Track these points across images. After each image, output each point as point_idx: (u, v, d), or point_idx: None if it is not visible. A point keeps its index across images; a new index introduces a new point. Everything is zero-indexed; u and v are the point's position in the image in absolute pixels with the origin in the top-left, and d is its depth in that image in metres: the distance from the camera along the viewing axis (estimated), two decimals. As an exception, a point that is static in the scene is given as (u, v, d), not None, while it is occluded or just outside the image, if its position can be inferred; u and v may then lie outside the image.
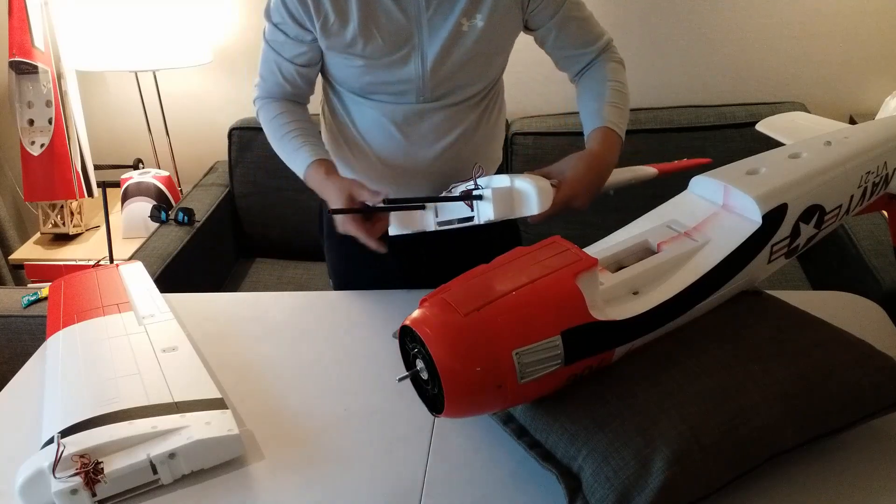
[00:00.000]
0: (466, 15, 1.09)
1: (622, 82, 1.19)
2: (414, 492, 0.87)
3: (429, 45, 1.11)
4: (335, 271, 1.45)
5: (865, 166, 1.01)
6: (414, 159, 1.22)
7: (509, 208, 1.02)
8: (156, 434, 0.90)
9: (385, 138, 1.21)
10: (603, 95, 1.15)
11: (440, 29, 1.10)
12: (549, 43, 1.20)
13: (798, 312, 0.95)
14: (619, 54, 1.23)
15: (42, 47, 2.21)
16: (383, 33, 1.10)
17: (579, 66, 1.22)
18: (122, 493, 0.88)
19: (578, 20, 1.17)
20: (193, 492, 0.89)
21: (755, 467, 0.80)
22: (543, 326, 0.78)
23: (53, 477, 0.84)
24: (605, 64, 1.20)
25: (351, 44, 1.11)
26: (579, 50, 1.20)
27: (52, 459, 0.85)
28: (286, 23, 1.12)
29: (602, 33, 1.21)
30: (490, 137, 1.29)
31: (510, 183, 1.02)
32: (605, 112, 1.13)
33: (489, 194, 1.00)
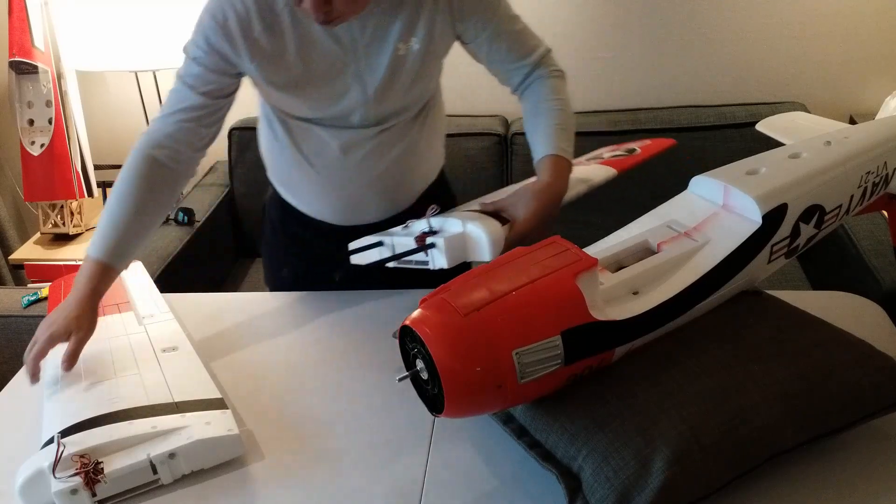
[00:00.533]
0: (402, 39, 1.08)
1: (563, 98, 1.19)
2: (414, 492, 0.87)
3: (368, 74, 1.11)
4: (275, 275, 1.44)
5: (865, 166, 1.01)
6: (359, 177, 1.22)
7: (462, 254, 1.05)
8: (156, 434, 0.90)
9: (330, 159, 1.20)
10: (547, 119, 1.15)
11: (378, 56, 1.09)
12: (482, 56, 1.19)
13: (798, 312, 0.95)
14: (557, 65, 1.22)
15: (42, 47, 2.21)
16: (320, 67, 1.09)
17: (517, 80, 1.21)
18: (121, 493, 0.88)
19: (511, 33, 1.16)
20: (193, 492, 0.89)
21: (755, 467, 0.80)
22: (543, 326, 0.78)
23: (53, 477, 0.84)
24: (545, 81, 1.19)
25: (288, 79, 1.10)
26: (513, 63, 1.19)
27: (52, 459, 0.85)
28: (207, 56, 1.07)
29: (536, 45, 1.20)
30: (432, 139, 1.30)
31: (463, 228, 1.04)
32: (552, 138, 1.13)
33: (442, 245, 1.03)
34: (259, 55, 1.07)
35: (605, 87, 2.29)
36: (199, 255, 2.08)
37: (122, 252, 1.05)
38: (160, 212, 1.11)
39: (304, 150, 1.21)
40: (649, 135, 2.11)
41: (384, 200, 1.27)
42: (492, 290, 0.79)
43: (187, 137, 1.10)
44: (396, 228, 1.17)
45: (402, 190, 1.28)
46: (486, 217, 1.07)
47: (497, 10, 1.13)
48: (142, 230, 1.08)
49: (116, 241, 1.04)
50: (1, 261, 2.47)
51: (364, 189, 1.24)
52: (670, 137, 2.10)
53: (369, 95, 1.12)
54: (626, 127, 2.13)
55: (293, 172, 1.25)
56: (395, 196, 1.28)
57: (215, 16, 1.05)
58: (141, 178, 1.07)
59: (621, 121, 2.15)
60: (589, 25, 2.20)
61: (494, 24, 1.13)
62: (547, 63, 1.21)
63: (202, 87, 1.09)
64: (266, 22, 1.05)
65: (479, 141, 2.14)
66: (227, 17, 1.04)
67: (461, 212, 1.12)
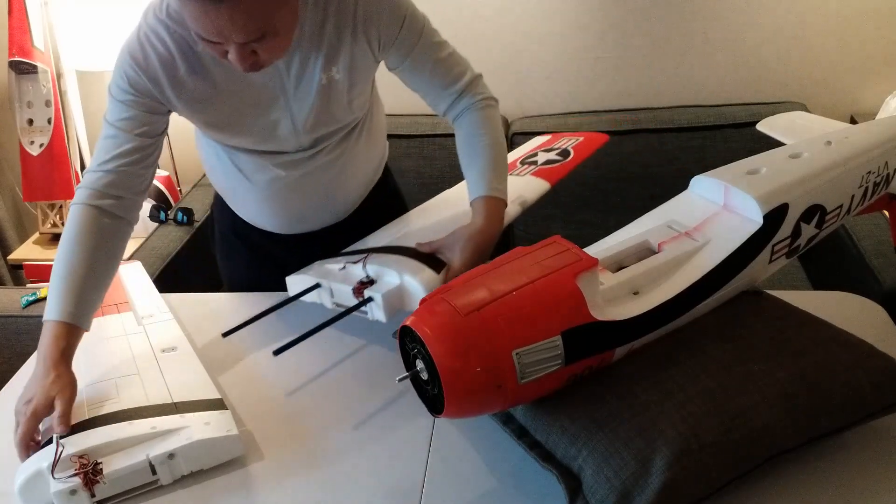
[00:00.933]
0: (324, 70, 1.08)
1: (492, 131, 1.17)
2: (414, 492, 0.87)
3: (297, 106, 1.11)
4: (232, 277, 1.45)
5: (866, 166, 1.01)
6: (299, 193, 1.23)
7: (399, 305, 1.08)
8: (155, 434, 0.90)
9: (268, 179, 1.21)
10: (479, 157, 1.15)
11: (305, 88, 1.09)
12: (406, 82, 1.19)
13: (798, 312, 0.95)
14: (486, 92, 1.20)
15: (42, 47, 2.21)
16: (248, 104, 1.09)
17: (443, 107, 1.20)
18: (121, 494, 0.88)
19: (434, 62, 1.15)
20: (193, 492, 0.89)
21: (755, 467, 0.80)
22: (543, 326, 0.78)
23: (52, 478, 0.84)
24: (474, 113, 1.18)
25: (217, 118, 1.10)
26: (438, 91, 1.18)
27: (52, 460, 0.85)
28: (134, 99, 1.05)
29: (462, 73, 1.17)
30: (371, 146, 1.30)
31: (399, 280, 1.07)
32: (484, 178, 1.13)
33: (379, 300, 1.05)
34: (185, 95, 1.06)
35: (605, 87, 2.29)
36: (198, 256, 2.07)
37: (83, 311, 0.99)
38: (113, 264, 1.06)
39: (243, 169, 1.21)
40: (649, 134, 2.11)
41: (326, 212, 1.29)
42: (492, 290, 0.79)
43: (129, 182, 1.06)
44: (333, 266, 1.17)
45: (343, 200, 1.30)
46: (421, 266, 1.09)
47: (418, 40, 1.12)
48: (98, 285, 1.03)
49: (75, 300, 0.98)
50: (0, 261, 2.47)
51: (304, 203, 1.25)
52: (670, 137, 2.11)
53: (299, 126, 1.13)
54: (627, 127, 2.13)
55: (232, 184, 1.26)
56: (336, 206, 1.29)
57: (136, 58, 1.02)
58: (88, 234, 1.02)
59: (621, 121, 2.15)
60: (589, 25, 2.20)
61: (415, 54, 1.13)
62: (474, 91, 1.18)
63: (136, 129, 1.06)
64: (189, 62, 1.03)
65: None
66: (149, 57, 1.02)
67: (398, 256, 1.13)
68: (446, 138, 2.11)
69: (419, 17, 1.12)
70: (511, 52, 2.24)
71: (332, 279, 1.14)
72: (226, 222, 1.38)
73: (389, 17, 1.08)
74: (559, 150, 1.47)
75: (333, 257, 1.22)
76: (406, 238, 1.19)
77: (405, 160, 2.18)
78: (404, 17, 1.09)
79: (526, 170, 1.40)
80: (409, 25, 1.10)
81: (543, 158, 1.44)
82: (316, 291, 1.16)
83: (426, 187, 2.20)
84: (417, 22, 1.11)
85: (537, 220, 2.15)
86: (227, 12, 0.87)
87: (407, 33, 1.10)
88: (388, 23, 1.08)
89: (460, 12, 2.20)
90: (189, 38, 1.02)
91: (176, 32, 1.02)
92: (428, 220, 1.25)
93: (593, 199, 2.14)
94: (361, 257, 1.15)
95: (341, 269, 1.16)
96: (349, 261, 1.16)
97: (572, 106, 2.29)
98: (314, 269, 1.21)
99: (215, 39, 0.91)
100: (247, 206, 1.29)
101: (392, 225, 1.29)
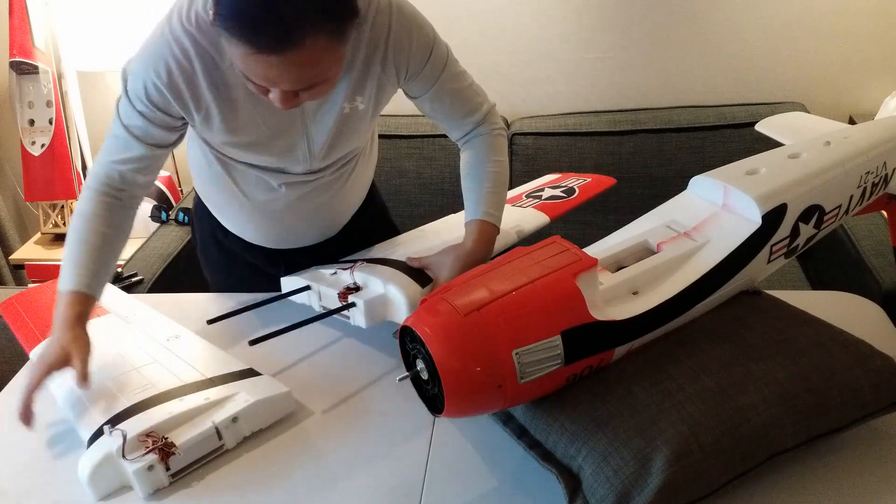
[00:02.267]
0: (348, 99, 1.07)
1: (500, 159, 1.19)
2: (414, 492, 0.87)
3: (315, 133, 1.10)
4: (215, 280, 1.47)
5: (865, 166, 1.01)
6: (294, 212, 1.23)
7: (381, 314, 1.10)
8: (211, 404, 0.95)
9: (265, 196, 1.20)
10: (481, 181, 1.16)
11: (326, 116, 1.09)
12: (425, 111, 1.19)
13: (798, 312, 0.95)
14: (499, 122, 1.21)
15: (43, 47, 2.21)
16: (269, 126, 1.07)
17: (458, 135, 1.21)
18: (191, 464, 0.91)
19: (454, 92, 1.15)
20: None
21: (755, 467, 0.80)
22: (543, 326, 0.78)
23: (124, 459, 0.87)
24: (485, 139, 1.19)
25: (234, 136, 1.08)
26: (457, 121, 1.19)
27: (118, 445, 0.87)
28: (152, 111, 1.03)
29: (480, 104, 1.19)
30: (365, 169, 1.31)
31: (383, 290, 1.09)
32: (482, 203, 1.14)
33: (361, 306, 1.08)
34: (205, 111, 1.03)
35: (605, 87, 2.29)
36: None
37: (96, 281, 1.03)
38: (123, 238, 1.11)
39: (240, 184, 1.20)
40: (649, 135, 2.11)
41: (317, 229, 1.29)
42: (492, 290, 0.79)
43: (135, 179, 1.09)
44: (325, 271, 1.20)
45: (334, 219, 1.30)
46: (408, 280, 1.10)
47: (442, 71, 1.11)
48: (109, 257, 1.07)
49: (89, 271, 1.03)
50: (1, 261, 2.47)
51: (297, 221, 1.25)
52: (670, 137, 2.11)
53: (315, 151, 1.13)
54: (626, 127, 2.13)
55: (225, 198, 1.25)
56: (326, 225, 1.30)
57: (158, 72, 0.99)
58: (99, 217, 1.07)
59: (621, 121, 2.15)
60: (589, 25, 2.20)
61: (439, 84, 1.12)
62: (489, 121, 1.20)
63: (148, 139, 1.06)
64: (212, 78, 1.00)
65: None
66: (172, 73, 0.98)
67: (386, 267, 1.15)
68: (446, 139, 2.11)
69: (443, 47, 1.11)
70: (511, 52, 2.24)
71: (322, 283, 1.16)
72: (205, 228, 1.38)
73: (418, 47, 1.07)
74: (565, 188, 1.50)
75: (329, 264, 1.24)
76: (400, 254, 1.21)
77: (405, 161, 2.18)
78: (432, 47, 1.08)
79: (529, 203, 1.43)
80: (436, 56, 1.09)
81: (548, 194, 1.47)
82: (306, 293, 1.19)
83: (426, 188, 2.21)
84: (442, 52, 1.11)
85: (537, 221, 2.15)
86: (284, 64, 0.85)
87: (433, 64, 1.10)
88: (417, 53, 1.07)
89: (460, 12, 2.20)
90: (215, 53, 0.98)
91: (201, 45, 0.97)
92: (425, 244, 1.26)
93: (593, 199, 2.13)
94: (350, 265, 1.18)
95: (332, 274, 1.18)
96: (340, 267, 1.19)
97: (572, 106, 2.29)
98: (309, 272, 1.23)
99: (262, 84, 0.89)
100: (235, 218, 1.28)
101: (388, 243, 1.32)
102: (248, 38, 0.83)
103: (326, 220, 1.29)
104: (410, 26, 1.04)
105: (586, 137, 2.12)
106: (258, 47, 0.83)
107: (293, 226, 1.26)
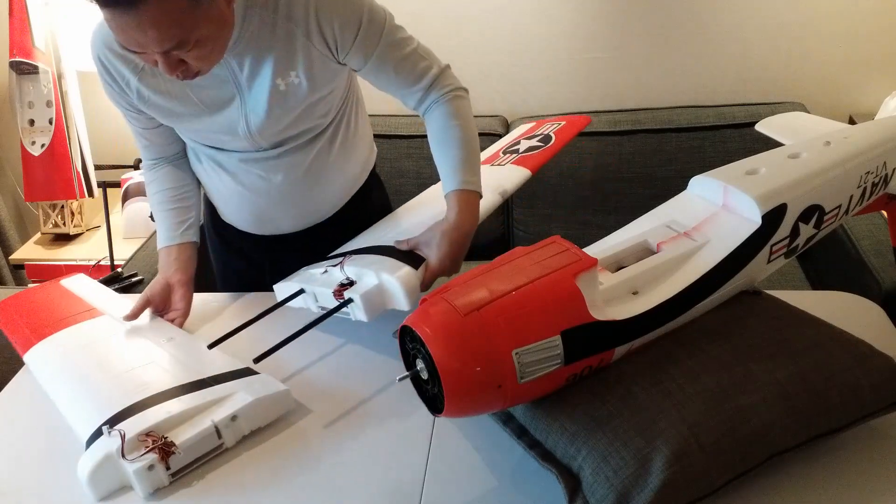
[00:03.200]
0: (280, 75, 1.08)
1: (462, 122, 1.15)
2: (414, 492, 0.87)
3: (251, 109, 1.11)
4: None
5: (865, 166, 1.01)
6: (265, 190, 1.23)
7: (380, 305, 1.09)
8: (210, 403, 0.94)
9: (232, 170, 1.22)
10: (450, 149, 1.13)
11: (259, 91, 1.09)
12: (372, 82, 1.17)
13: (797, 312, 0.95)
14: (455, 83, 1.18)
15: (43, 47, 2.21)
16: (201, 97, 1.10)
17: (412, 103, 1.19)
18: (191, 463, 0.91)
19: (398, 60, 1.12)
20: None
21: (755, 467, 0.80)
22: (543, 326, 0.78)
23: (124, 459, 0.86)
24: (442, 105, 1.16)
25: (173, 112, 1.12)
26: (405, 88, 1.16)
27: (117, 445, 0.87)
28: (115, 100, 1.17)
29: (428, 68, 1.15)
30: (345, 156, 1.29)
31: (378, 280, 1.08)
32: (457, 171, 1.12)
33: (359, 301, 1.06)
34: (137, 92, 1.12)
35: (605, 87, 2.29)
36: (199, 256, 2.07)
37: (177, 233, 1.26)
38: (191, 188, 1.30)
39: (216, 158, 1.23)
40: (649, 135, 2.11)
41: (295, 214, 1.29)
42: (492, 290, 0.79)
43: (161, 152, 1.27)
44: (315, 271, 1.19)
45: (313, 205, 1.29)
46: (399, 264, 1.09)
47: (379, 39, 1.10)
48: (184, 209, 1.28)
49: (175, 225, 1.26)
50: (1, 261, 2.47)
51: (272, 202, 1.25)
52: (670, 137, 2.11)
53: (254, 129, 1.13)
54: (626, 127, 2.13)
55: (208, 175, 1.28)
56: (305, 210, 1.29)
57: (96, 55, 1.10)
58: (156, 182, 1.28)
59: (621, 121, 2.15)
60: (588, 25, 2.20)
61: (378, 53, 1.11)
62: (442, 84, 1.16)
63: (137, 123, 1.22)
64: (132, 60, 1.08)
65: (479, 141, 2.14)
66: (101, 57, 1.10)
67: (375, 256, 1.13)
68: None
69: (379, 14, 1.09)
70: (511, 52, 2.24)
71: (314, 284, 1.15)
72: (206, 214, 1.41)
73: (345, 19, 1.06)
74: (541, 136, 1.45)
75: (317, 262, 1.23)
76: (387, 239, 1.19)
77: (405, 160, 2.18)
78: (361, 16, 1.07)
79: (507, 159, 1.39)
80: (369, 26, 1.08)
81: (525, 146, 1.43)
82: (301, 297, 1.18)
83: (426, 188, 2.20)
84: (377, 20, 1.09)
85: (537, 220, 2.15)
86: (135, 21, 0.88)
87: (366, 34, 1.08)
88: (345, 24, 1.06)
89: (461, 12, 2.20)
90: None
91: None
92: (411, 220, 1.25)
93: (593, 199, 2.14)
94: (339, 260, 1.16)
95: (323, 272, 1.17)
96: (330, 264, 1.17)
97: (572, 106, 2.29)
98: (299, 275, 1.22)
99: (135, 49, 0.93)
100: (219, 197, 1.31)
101: (374, 227, 1.30)
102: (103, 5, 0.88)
103: (303, 206, 1.27)
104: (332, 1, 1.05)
105: (586, 137, 2.12)
106: (107, 4, 0.87)
107: (268, 207, 1.26)
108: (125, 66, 1.09)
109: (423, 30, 2.25)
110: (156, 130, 1.22)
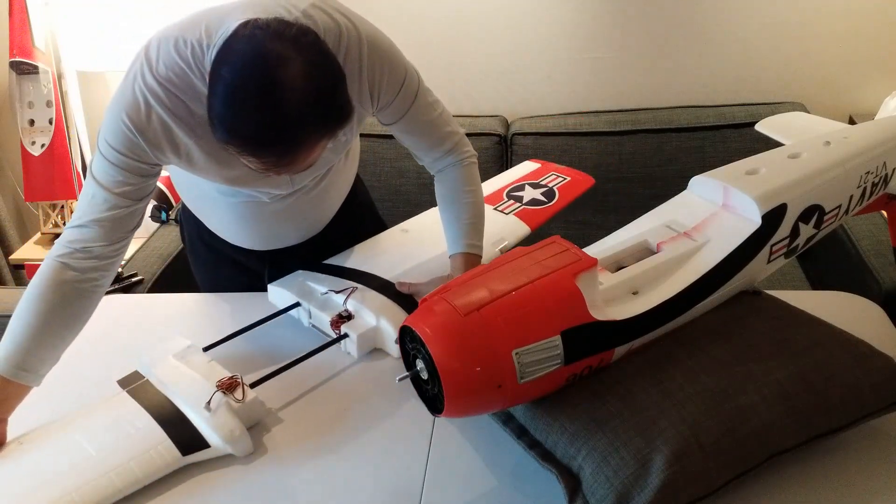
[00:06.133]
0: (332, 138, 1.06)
1: (474, 188, 1.21)
2: (414, 492, 0.87)
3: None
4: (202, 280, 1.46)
5: (865, 166, 1.01)
6: (279, 216, 1.24)
7: (372, 344, 1.14)
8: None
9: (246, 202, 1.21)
10: (460, 213, 1.20)
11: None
12: (395, 135, 1.20)
13: (797, 312, 0.95)
14: (469, 151, 1.23)
15: (43, 47, 2.21)
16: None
17: (428, 161, 1.23)
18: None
19: (425, 123, 1.16)
20: (192, 484, 0.90)
21: (755, 467, 0.80)
22: (543, 326, 0.78)
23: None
24: (457, 170, 1.21)
25: (220, 171, 1.06)
26: (427, 149, 1.20)
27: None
28: (127, 161, 0.98)
29: (451, 133, 1.20)
30: (350, 164, 1.32)
31: (376, 322, 1.12)
32: (464, 235, 1.18)
33: (354, 339, 1.11)
34: (187, 155, 1.02)
35: (605, 87, 2.29)
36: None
37: (31, 367, 0.96)
38: (72, 323, 1.00)
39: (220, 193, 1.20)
40: (649, 135, 2.11)
41: (299, 231, 1.30)
42: (492, 290, 0.79)
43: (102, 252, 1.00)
44: (316, 288, 1.21)
45: (317, 220, 1.31)
46: (399, 310, 1.14)
47: (414, 101, 1.12)
48: (52, 343, 0.98)
49: (21, 356, 0.95)
50: (1, 261, 2.47)
51: (279, 226, 1.26)
52: (670, 137, 2.11)
53: (297, 182, 1.16)
54: (626, 127, 2.13)
55: (207, 205, 1.26)
56: (310, 226, 1.31)
57: (132, 118, 0.95)
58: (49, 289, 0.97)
59: (621, 121, 2.15)
60: (588, 25, 2.20)
61: (410, 113, 1.13)
62: (461, 150, 1.21)
63: (120, 189, 0.99)
64: (189, 125, 0.98)
65: (479, 141, 2.14)
66: (150, 118, 0.96)
67: (377, 295, 1.17)
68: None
69: (415, 77, 1.12)
70: (511, 52, 2.24)
71: (312, 302, 1.18)
72: (192, 229, 1.38)
73: (391, 78, 1.07)
74: (545, 190, 1.51)
75: (316, 272, 1.25)
76: (388, 269, 1.23)
77: (405, 160, 2.17)
78: (404, 79, 1.09)
79: (511, 206, 1.45)
80: (408, 86, 1.10)
81: (529, 196, 1.49)
82: (295, 310, 1.21)
83: (426, 188, 2.19)
84: (413, 83, 1.11)
85: (537, 221, 2.15)
86: (283, 166, 0.90)
87: (404, 94, 1.11)
88: (390, 83, 1.08)
89: (461, 12, 2.20)
90: (189, 101, 0.96)
91: (175, 96, 0.95)
92: (414, 257, 1.29)
93: (593, 199, 2.13)
94: (346, 290, 1.18)
95: (323, 293, 1.19)
96: (332, 288, 1.19)
97: (572, 106, 2.29)
98: (297, 283, 1.23)
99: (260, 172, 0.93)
100: (219, 223, 1.28)
101: (374, 244, 1.33)
102: (253, 154, 0.87)
103: (309, 222, 1.30)
104: (382, 59, 1.05)
105: (586, 137, 2.12)
106: (263, 162, 0.88)
107: (275, 230, 1.27)
108: (181, 127, 0.98)
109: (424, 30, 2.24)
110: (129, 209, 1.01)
